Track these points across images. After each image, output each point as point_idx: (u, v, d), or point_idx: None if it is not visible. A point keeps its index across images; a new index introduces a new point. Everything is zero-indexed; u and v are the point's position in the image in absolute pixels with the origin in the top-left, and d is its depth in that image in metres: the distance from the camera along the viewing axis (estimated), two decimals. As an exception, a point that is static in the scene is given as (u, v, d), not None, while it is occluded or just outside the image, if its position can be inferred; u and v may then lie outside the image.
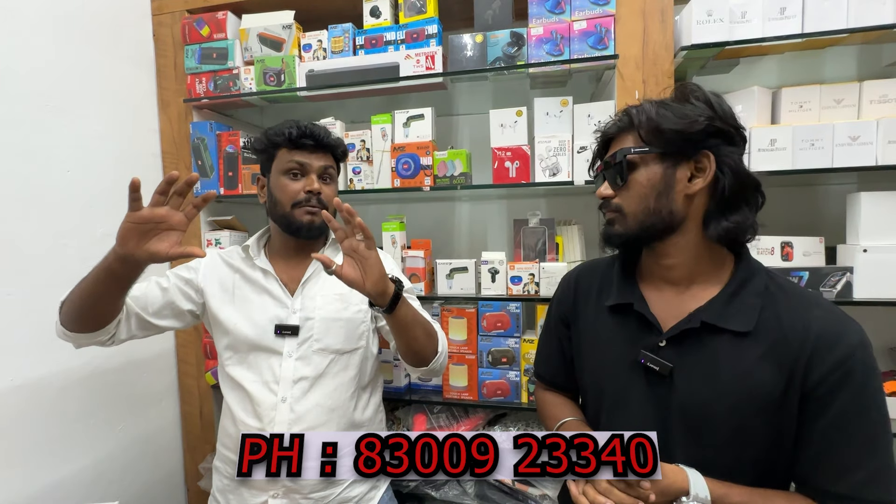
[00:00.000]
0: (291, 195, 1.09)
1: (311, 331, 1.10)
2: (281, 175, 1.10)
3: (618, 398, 0.87)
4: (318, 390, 1.09)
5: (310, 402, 1.08)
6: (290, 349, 1.09)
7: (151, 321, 1.11)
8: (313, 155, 1.11)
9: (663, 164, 0.79)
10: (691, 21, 1.27)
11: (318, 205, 1.10)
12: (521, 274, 1.48)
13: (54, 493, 1.29)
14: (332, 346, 1.11)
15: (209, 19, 1.62)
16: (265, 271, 1.15)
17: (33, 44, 1.28)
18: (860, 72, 1.52)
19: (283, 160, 1.10)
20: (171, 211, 0.89)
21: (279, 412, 1.06)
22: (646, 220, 0.81)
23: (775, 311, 0.77)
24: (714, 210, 0.79)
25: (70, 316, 1.00)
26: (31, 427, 1.25)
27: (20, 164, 1.23)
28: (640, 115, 0.80)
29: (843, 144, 1.25)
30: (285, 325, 1.09)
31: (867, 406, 0.71)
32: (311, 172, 1.10)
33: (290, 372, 1.08)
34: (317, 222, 1.10)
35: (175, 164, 1.68)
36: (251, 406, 1.08)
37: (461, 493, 1.52)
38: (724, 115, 0.78)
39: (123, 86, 1.56)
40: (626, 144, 0.82)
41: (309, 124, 1.10)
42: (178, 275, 1.16)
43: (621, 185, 0.82)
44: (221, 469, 1.15)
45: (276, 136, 1.10)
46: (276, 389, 1.07)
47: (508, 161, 1.46)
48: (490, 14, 1.47)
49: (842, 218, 1.34)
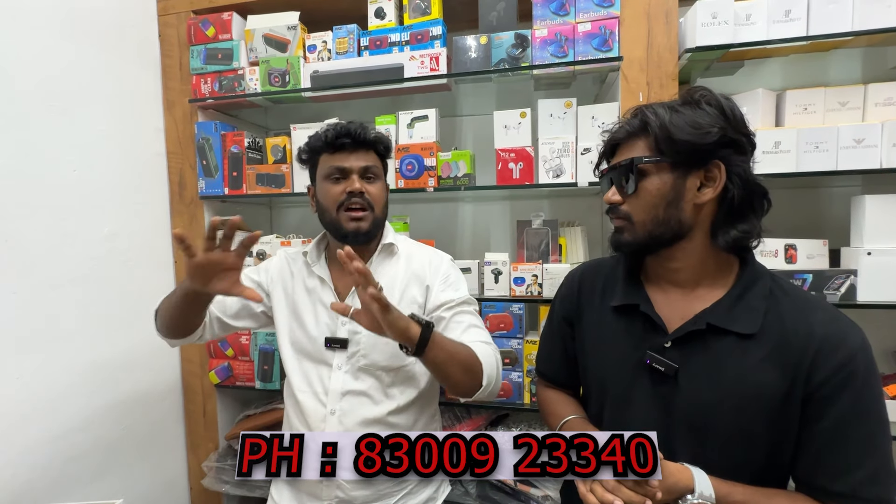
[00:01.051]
0: (334, 198, 1.07)
1: (359, 345, 1.08)
2: (323, 180, 1.10)
3: (622, 397, 0.88)
4: (365, 405, 1.07)
5: (358, 417, 1.06)
6: (339, 362, 1.08)
7: (231, 323, 1.19)
8: (353, 155, 1.08)
9: (674, 173, 0.78)
10: (696, 23, 1.27)
11: (361, 204, 1.07)
12: (525, 275, 1.48)
13: (58, 488, 1.30)
14: (379, 362, 1.08)
15: (215, 20, 1.63)
16: (322, 279, 1.14)
17: (40, 44, 1.29)
18: (865, 74, 1.51)
19: (325, 165, 1.10)
20: (224, 254, 0.91)
21: (328, 424, 1.06)
22: (654, 230, 0.81)
23: (779, 314, 0.77)
24: (722, 219, 0.79)
25: (163, 326, 1.10)
26: (36, 423, 1.26)
27: (27, 163, 1.24)
28: (656, 121, 0.78)
29: (848, 147, 1.24)
30: (335, 339, 1.09)
31: (867, 408, 0.72)
32: (351, 174, 1.07)
33: (339, 384, 1.07)
34: (363, 228, 1.07)
35: (180, 163, 1.69)
36: (303, 416, 1.09)
37: (463, 494, 1.52)
38: (737, 123, 0.77)
39: (129, 86, 1.57)
40: (637, 150, 0.82)
41: (344, 124, 1.08)
42: (250, 277, 1.19)
43: (631, 193, 0.82)
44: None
45: (316, 142, 1.10)
46: (326, 401, 1.07)
47: (512, 162, 1.46)
48: (494, 16, 1.47)
49: (846, 221, 1.34)
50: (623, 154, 0.85)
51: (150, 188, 1.65)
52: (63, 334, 1.32)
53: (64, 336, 1.33)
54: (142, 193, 1.60)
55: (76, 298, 1.36)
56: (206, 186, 1.67)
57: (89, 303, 1.40)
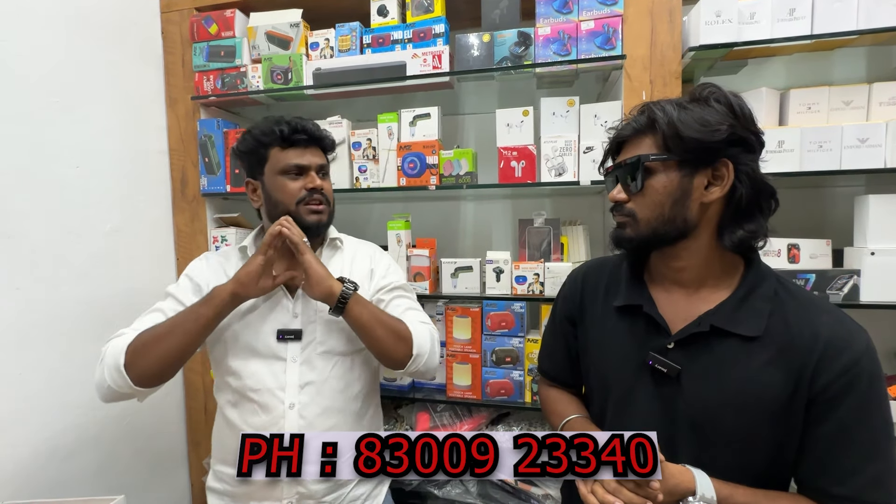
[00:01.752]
0: (293, 194, 1.08)
1: (314, 334, 1.09)
2: (278, 175, 1.08)
3: (624, 398, 0.87)
4: (325, 394, 1.07)
5: (319, 407, 1.06)
6: (293, 354, 1.07)
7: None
8: (308, 151, 1.10)
9: (681, 171, 0.77)
10: (700, 22, 1.26)
11: (322, 201, 1.10)
12: (526, 274, 1.48)
13: (60, 485, 1.30)
14: (336, 348, 1.10)
15: (217, 17, 1.63)
16: None
17: (43, 41, 1.29)
18: (870, 73, 1.50)
19: (278, 160, 1.08)
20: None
21: (288, 419, 1.04)
22: (659, 228, 0.80)
23: (783, 316, 0.77)
24: (729, 219, 0.78)
25: (151, 373, 0.97)
26: (36, 418, 1.26)
27: (30, 159, 1.25)
28: (664, 118, 0.77)
29: (852, 147, 1.24)
30: (288, 330, 1.07)
31: (871, 411, 0.72)
32: (310, 171, 1.10)
33: (296, 377, 1.06)
34: (324, 220, 1.11)
35: (182, 160, 1.69)
36: (258, 416, 1.06)
37: (464, 492, 1.52)
38: (746, 121, 0.76)
39: (132, 83, 1.57)
40: (643, 147, 0.80)
41: (297, 119, 1.09)
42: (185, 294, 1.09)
43: (636, 191, 0.81)
44: (220, 489, 1.11)
45: (265, 136, 1.08)
46: (283, 397, 1.05)
47: (514, 161, 1.46)
48: (497, 13, 1.46)
49: (849, 220, 1.33)
50: (629, 151, 0.83)
51: (153, 185, 1.65)
52: (64, 330, 1.33)
53: (65, 332, 1.33)
54: (144, 190, 1.61)
55: (78, 294, 1.37)
56: (208, 184, 1.67)
57: (91, 299, 1.40)
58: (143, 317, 1.06)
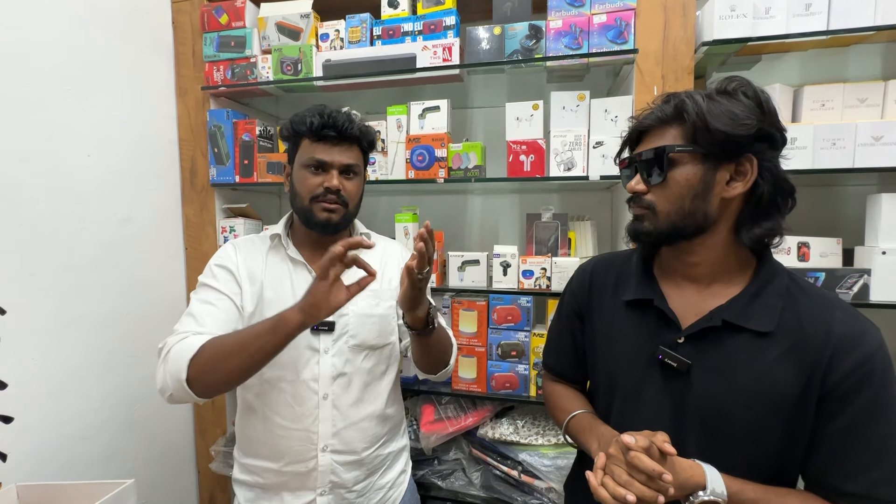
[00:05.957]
0: (310, 189, 1.05)
1: (347, 327, 1.09)
2: (302, 168, 1.07)
3: (632, 393, 0.87)
4: (356, 386, 1.09)
5: (351, 398, 1.08)
6: (325, 345, 1.07)
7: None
8: (336, 148, 1.06)
9: (704, 164, 0.76)
10: (713, 16, 1.25)
11: (336, 201, 1.06)
12: (533, 268, 1.48)
13: (71, 469, 1.32)
14: (367, 341, 1.10)
15: (228, 7, 1.62)
16: (294, 260, 1.11)
17: (54, 30, 1.29)
18: (885, 70, 1.48)
19: (305, 153, 1.07)
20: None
21: (322, 409, 1.06)
22: (678, 222, 0.79)
23: (796, 312, 0.76)
24: (748, 215, 0.78)
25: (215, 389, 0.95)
26: (49, 403, 1.28)
27: (41, 148, 1.25)
28: (694, 108, 0.75)
29: (866, 144, 1.23)
30: (321, 321, 0.99)
31: (883, 407, 0.71)
32: (331, 169, 1.06)
33: (329, 369, 1.07)
34: (333, 220, 1.07)
35: (192, 151, 1.70)
36: (290, 408, 1.05)
37: (467, 484, 1.53)
38: (772, 117, 0.75)
39: (142, 73, 1.58)
40: (667, 138, 0.79)
41: (332, 112, 1.05)
42: (226, 285, 1.06)
43: (657, 183, 0.80)
44: (250, 481, 1.11)
45: (300, 125, 1.06)
46: (317, 388, 1.06)
47: (523, 155, 1.45)
48: (509, 6, 1.45)
49: (859, 219, 1.32)
50: (650, 142, 0.82)
51: (162, 175, 1.66)
52: (77, 317, 1.34)
53: (78, 318, 1.34)
54: (154, 180, 1.61)
55: (90, 282, 1.38)
56: (217, 174, 1.68)
57: (103, 286, 1.42)
58: (195, 310, 1.02)
